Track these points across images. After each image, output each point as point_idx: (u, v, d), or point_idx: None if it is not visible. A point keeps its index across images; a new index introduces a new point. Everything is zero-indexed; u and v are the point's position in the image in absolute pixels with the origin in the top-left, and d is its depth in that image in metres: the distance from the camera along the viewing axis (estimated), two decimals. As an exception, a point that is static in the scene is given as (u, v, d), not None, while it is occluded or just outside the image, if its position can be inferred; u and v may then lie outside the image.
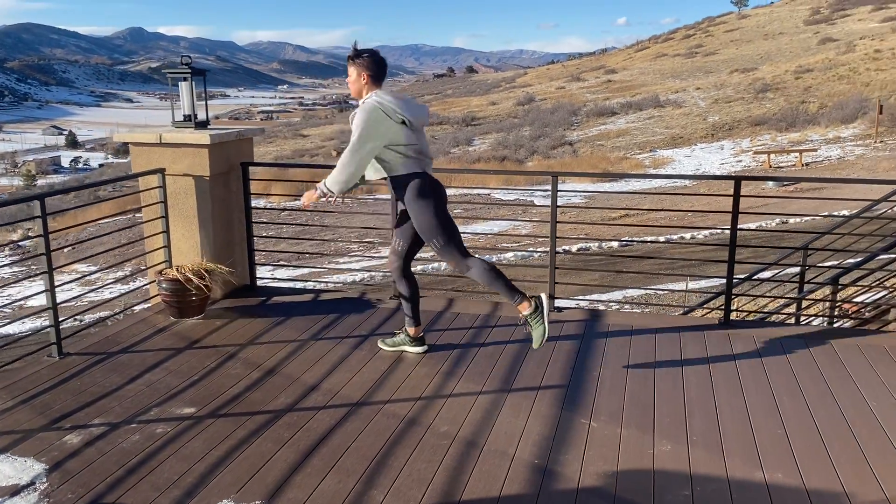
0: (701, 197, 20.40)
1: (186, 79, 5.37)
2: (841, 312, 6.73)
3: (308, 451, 3.38)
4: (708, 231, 17.68)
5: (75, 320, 6.92)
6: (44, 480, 3.15)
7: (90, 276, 15.29)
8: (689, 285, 12.67)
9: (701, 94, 52.52)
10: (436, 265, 14.47)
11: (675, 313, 7.95)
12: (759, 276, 6.79)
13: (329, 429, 3.59)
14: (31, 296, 5.92)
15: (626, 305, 10.83)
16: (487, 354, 4.53)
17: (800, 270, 6.28)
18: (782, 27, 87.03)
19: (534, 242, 17.79)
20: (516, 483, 3.13)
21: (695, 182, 25.44)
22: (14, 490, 3.08)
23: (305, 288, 6.09)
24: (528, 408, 3.82)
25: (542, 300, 4.12)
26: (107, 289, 13.06)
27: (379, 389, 4.04)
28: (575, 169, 30.04)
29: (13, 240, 22.78)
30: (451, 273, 10.72)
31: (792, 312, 6.62)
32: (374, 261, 15.57)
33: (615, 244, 17.64)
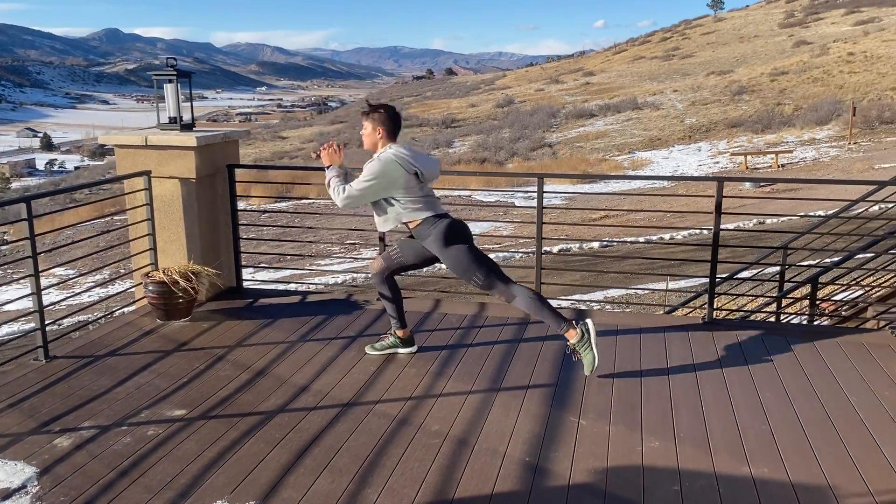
0: (680, 198, 20.62)
1: (172, 81, 5.36)
2: (820, 311, 6.85)
3: (300, 452, 3.40)
4: (687, 231, 17.88)
5: (57, 324, 6.86)
6: (35, 484, 3.14)
7: (74, 280, 15.15)
8: (670, 285, 12.80)
9: (678, 97, 53.01)
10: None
11: (658, 313, 8.04)
12: (741, 276, 6.90)
13: (321, 429, 3.61)
14: (15, 300, 5.88)
15: (609, 305, 10.93)
16: (476, 354, 4.57)
17: (780, 270, 6.39)
18: (757, 30, 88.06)
19: (516, 243, 17.88)
20: (508, 480, 3.17)
21: (673, 183, 25.70)
22: (5, 494, 3.06)
23: (292, 290, 6.09)
24: (518, 406, 3.86)
25: (589, 326, 4.15)
26: (91, 292, 12.94)
27: (369, 390, 4.07)
28: (555, 170, 30.21)
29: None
30: (436, 274, 10.75)
31: (773, 311, 6.73)
32: (359, 262, 15.57)
33: (596, 245, 17.77)
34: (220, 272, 5.45)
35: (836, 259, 6.80)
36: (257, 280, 6.38)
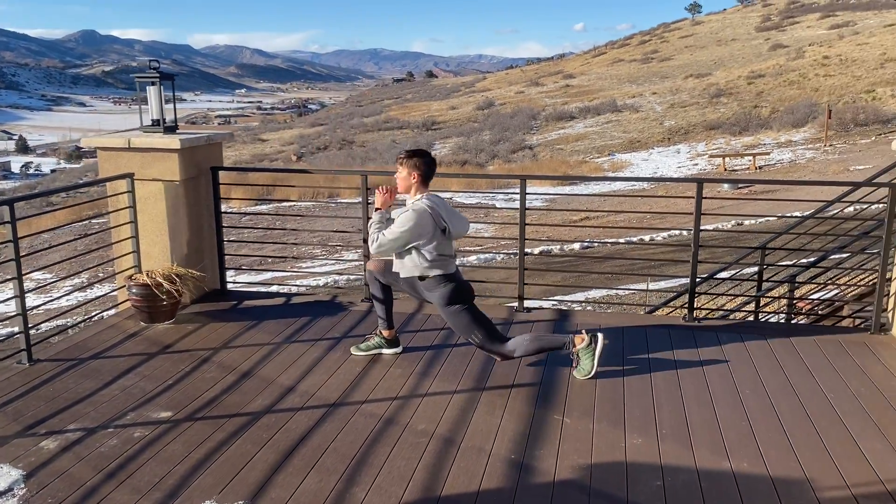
0: (659, 199, 20.78)
1: (155, 83, 5.36)
2: (798, 310, 6.97)
3: (288, 452, 3.42)
4: (668, 233, 18.05)
5: (36, 328, 6.81)
6: (22, 486, 3.14)
7: (54, 283, 15.00)
8: (651, 286, 12.92)
9: (657, 99, 53.44)
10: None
11: (640, 313, 8.12)
12: (720, 276, 7.00)
13: (308, 429, 3.64)
14: (-5, 303, 5.83)
15: (591, 306, 11.02)
16: (460, 354, 4.61)
17: (758, 270, 6.50)
18: (735, 34, 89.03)
19: (497, 245, 17.94)
20: (494, 478, 3.21)
21: (653, 185, 25.91)
22: (-8, 496, 3.06)
23: (277, 292, 6.10)
24: (503, 405, 3.91)
25: (599, 339, 4.24)
26: (72, 296, 12.83)
27: (355, 390, 4.09)
28: (536, 172, 30.32)
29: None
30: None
31: (752, 310, 6.84)
32: (343, 264, 15.55)
33: (577, 246, 17.89)
34: (205, 274, 5.46)
35: (813, 259, 6.93)
36: (242, 282, 6.38)
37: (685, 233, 18.12)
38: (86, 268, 6.96)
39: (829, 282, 6.54)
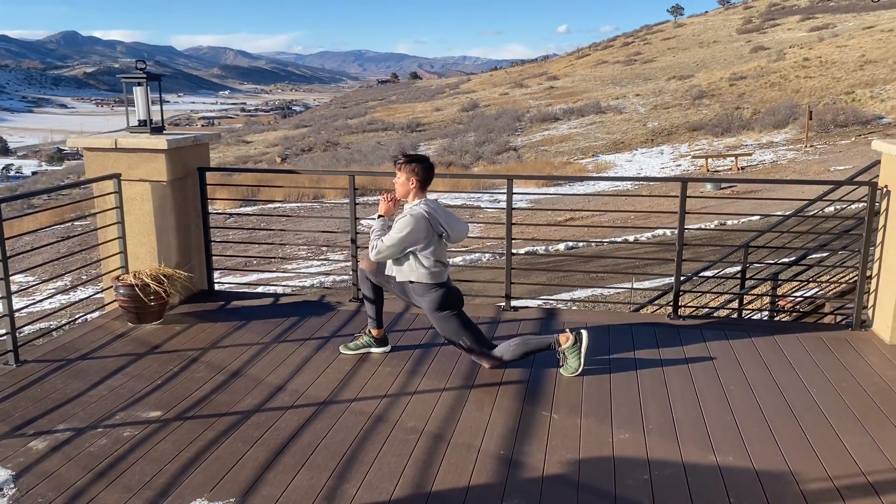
0: (644, 200, 20.92)
1: (141, 83, 5.35)
2: (780, 307, 7.06)
3: (278, 450, 3.44)
4: (651, 233, 18.18)
5: (19, 331, 6.76)
6: (11, 486, 3.13)
7: (39, 285, 14.87)
8: (635, 285, 13.01)
9: (640, 101, 53.77)
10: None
11: (625, 311, 8.19)
12: (704, 274, 7.08)
13: (298, 427, 3.65)
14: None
15: (575, 305, 11.09)
16: (448, 353, 4.63)
17: (741, 268, 6.58)
18: (716, 36, 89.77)
19: (482, 246, 17.99)
20: (484, 473, 3.25)
21: (637, 185, 26.08)
22: (-19, 497, 3.06)
23: (264, 292, 6.10)
24: (491, 402, 3.95)
25: (583, 336, 4.28)
26: (57, 297, 12.74)
27: (344, 389, 4.12)
28: (521, 174, 30.42)
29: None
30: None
31: (735, 308, 6.92)
32: (330, 265, 15.54)
33: (561, 247, 17.97)
34: (192, 275, 5.45)
35: (795, 257, 7.02)
36: (229, 283, 6.37)
37: (668, 232, 18.27)
38: (69, 270, 6.92)
39: (811, 279, 6.63)
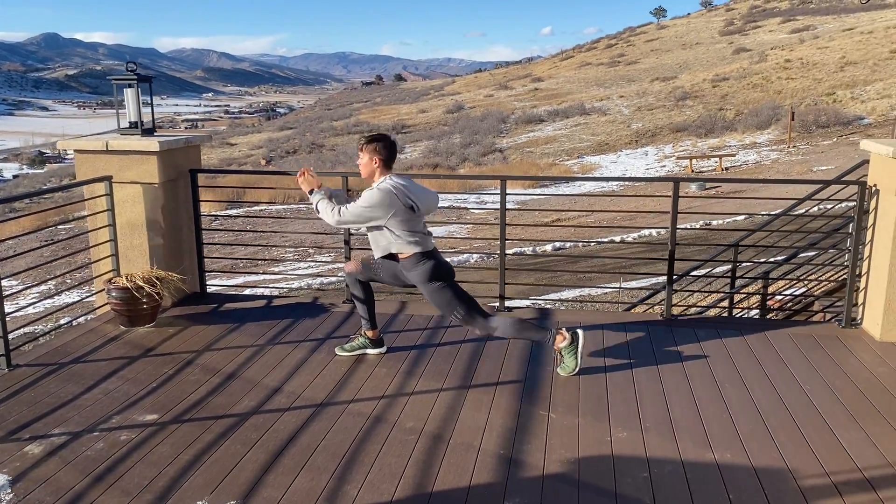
0: (634, 199, 21.03)
1: (132, 85, 5.32)
2: (771, 306, 7.13)
3: (278, 451, 3.43)
4: (638, 233, 18.27)
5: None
6: (8, 491, 3.10)
7: (28, 289, 14.73)
8: (624, 285, 13.08)
9: (624, 102, 54.03)
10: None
11: (619, 310, 8.23)
12: (695, 273, 7.13)
13: (296, 429, 3.64)
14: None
15: (564, 305, 11.12)
16: (444, 354, 4.64)
17: (731, 267, 6.63)
18: (699, 37, 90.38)
19: (469, 247, 18.01)
20: (485, 473, 3.25)
21: (622, 186, 26.22)
22: (-22, 502, 3.02)
23: (258, 294, 6.08)
24: (489, 402, 3.95)
25: (580, 335, 4.29)
26: (46, 301, 12.61)
27: (342, 390, 4.11)
28: (514, 175, 30.46)
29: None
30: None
31: (727, 307, 6.97)
32: (322, 266, 15.50)
33: (549, 248, 18.02)
34: (185, 277, 5.42)
35: (784, 256, 7.08)
36: (219, 285, 6.34)
37: (654, 232, 18.37)
38: (54, 275, 6.87)
39: (800, 278, 6.69)
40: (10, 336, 4.41)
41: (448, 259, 4.49)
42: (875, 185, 4.95)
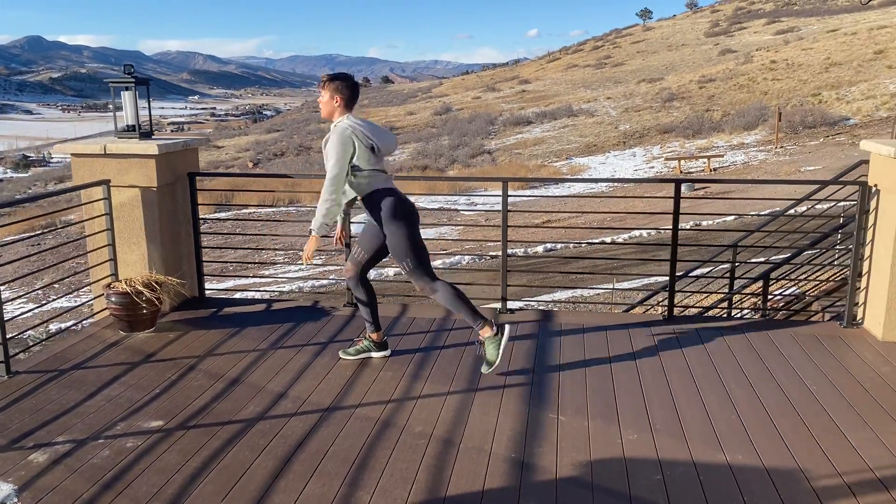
0: (619, 201, 21.10)
1: (129, 88, 5.26)
2: (771, 305, 7.15)
3: (287, 458, 3.39)
4: (628, 234, 18.32)
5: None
6: (15, 500, 3.05)
7: (23, 295, 14.59)
8: (622, 285, 13.10)
9: (612, 104, 54.22)
10: (387, 271, 14.40)
11: (620, 311, 8.23)
12: (695, 273, 7.14)
13: (304, 434, 3.61)
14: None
15: (571, 305, 11.12)
16: (449, 356, 4.62)
17: (730, 268, 6.65)
18: (685, 39, 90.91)
19: (461, 249, 17.99)
20: (497, 477, 3.23)
21: (612, 187, 26.31)
22: (-16, 512, 2.97)
23: (257, 298, 6.03)
24: (497, 405, 3.93)
25: (506, 330, 4.26)
26: (47, 307, 12.49)
27: (348, 394, 4.08)
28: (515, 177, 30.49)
29: None
30: (401, 278, 10.75)
31: (727, 307, 6.99)
32: (321, 269, 15.43)
33: (540, 249, 18.04)
34: (185, 281, 5.37)
35: (784, 256, 7.11)
36: (216, 289, 6.29)
37: (646, 233, 18.44)
38: (51, 280, 6.78)
39: (799, 278, 6.72)
40: (9, 342, 4.34)
41: (441, 261, 4.45)
42: (875, 185, 4.98)
